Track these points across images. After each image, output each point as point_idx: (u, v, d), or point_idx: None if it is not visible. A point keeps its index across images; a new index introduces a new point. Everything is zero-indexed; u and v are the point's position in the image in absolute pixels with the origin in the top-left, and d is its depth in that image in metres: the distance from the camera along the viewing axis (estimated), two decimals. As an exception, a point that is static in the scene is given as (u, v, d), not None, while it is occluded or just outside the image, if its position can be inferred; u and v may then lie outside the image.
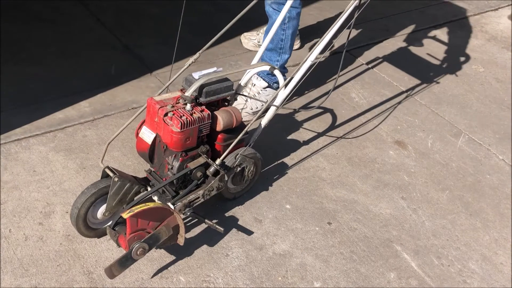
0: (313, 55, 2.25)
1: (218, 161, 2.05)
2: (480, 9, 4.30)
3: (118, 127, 2.63)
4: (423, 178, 2.62)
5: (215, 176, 2.06)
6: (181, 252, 2.09)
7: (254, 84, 2.81)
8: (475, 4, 4.36)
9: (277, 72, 2.26)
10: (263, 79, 2.80)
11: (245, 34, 3.43)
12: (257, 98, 2.73)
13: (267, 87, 2.81)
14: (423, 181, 2.60)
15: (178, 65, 3.11)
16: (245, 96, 2.54)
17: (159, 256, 2.06)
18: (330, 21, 3.51)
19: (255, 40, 3.38)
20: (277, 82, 2.81)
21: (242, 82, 2.37)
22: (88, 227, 2.02)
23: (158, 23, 3.55)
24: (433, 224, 2.38)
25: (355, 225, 2.32)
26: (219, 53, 3.30)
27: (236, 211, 2.30)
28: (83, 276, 1.96)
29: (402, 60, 3.50)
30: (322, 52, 2.28)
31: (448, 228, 2.38)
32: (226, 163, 2.11)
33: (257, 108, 2.77)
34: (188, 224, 2.20)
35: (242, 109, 2.72)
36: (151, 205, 1.85)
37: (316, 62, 2.25)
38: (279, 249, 2.17)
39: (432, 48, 3.67)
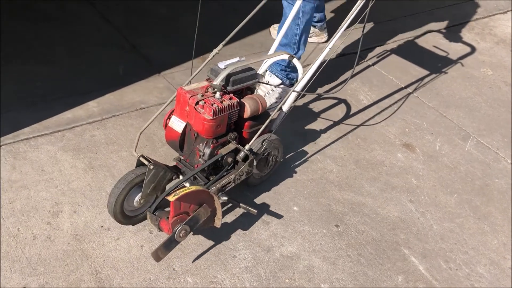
0: (331, 43, 2.29)
1: (247, 147, 2.11)
2: (488, 12, 4.28)
3: (126, 127, 2.64)
4: (431, 181, 2.61)
5: (245, 161, 2.13)
6: (188, 252, 2.09)
7: (268, 81, 2.82)
8: (483, 7, 4.34)
9: (295, 61, 2.30)
10: (277, 76, 2.82)
11: (274, 25, 3.47)
12: (268, 95, 2.76)
13: (280, 84, 2.83)
14: (431, 184, 2.59)
15: (187, 66, 3.13)
16: (267, 84, 2.61)
17: (166, 256, 2.06)
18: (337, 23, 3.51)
19: None
20: (291, 78, 2.84)
21: (260, 71, 2.41)
22: (124, 214, 2.09)
23: (166, 23, 3.55)
24: (441, 228, 2.37)
25: (362, 228, 2.31)
26: (227, 54, 3.29)
27: (244, 212, 2.29)
28: (90, 276, 1.96)
29: (410, 62, 3.49)
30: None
31: (456, 232, 2.36)
32: (253, 149, 2.16)
33: (271, 104, 2.79)
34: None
35: None
36: (193, 188, 1.91)
37: (332, 54, 2.29)
38: (286, 251, 2.17)
39: (441, 51, 3.66)
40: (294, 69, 2.77)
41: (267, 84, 2.73)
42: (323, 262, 2.15)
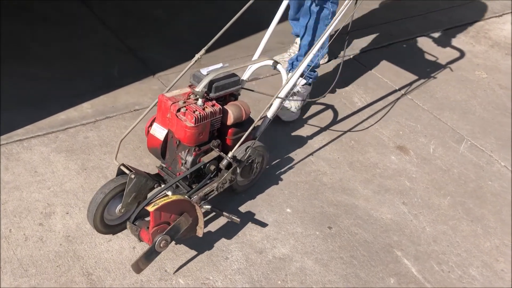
0: (316, 48, 2.31)
1: (230, 154, 2.09)
2: (484, 15, 4.30)
3: (119, 129, 2.64)
4: (424, 183, 2.61)
5: (228, 169, 2.11)
6: (180, 254, 2.09)
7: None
8: (479, 10, 4.35)
9: (279, 67, 2.29)
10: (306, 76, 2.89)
11: (275, 57, 3.46)
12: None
13: (305, 84, 2.90)
14: (425, 187, 2.59)
15: (182, 68, 3.13)
16: (249, 90, 2.61)
17: (158, 258, 2.05)
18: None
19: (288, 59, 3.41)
20: (313, 78, 2.91)
21: (245, 77, 2.40)
22: (104, 223, 2.06)
23: (162, 26, 3.56)
24: (434, 230, 2.37)
25: (355, 230, 2.32)
26: (224, 55, 3.29)
27: (236, 214, 2.29)
28: (82, 277, 1.96)
29: (405, 65, 3.50)
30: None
31: (449, 234, 2.37)
32: (236, 156, 2.14)
33: (299, 106, 2.85)
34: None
35: (288, 109, 2.80)
36: (173, 197, 1.88)
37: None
38: (279, 253, 2.17)
39: (435, 54, 3.67)
40: (314, 68, 2.85)
41: (251, 90, 2.73)
42: (315, 264, 2.15)
